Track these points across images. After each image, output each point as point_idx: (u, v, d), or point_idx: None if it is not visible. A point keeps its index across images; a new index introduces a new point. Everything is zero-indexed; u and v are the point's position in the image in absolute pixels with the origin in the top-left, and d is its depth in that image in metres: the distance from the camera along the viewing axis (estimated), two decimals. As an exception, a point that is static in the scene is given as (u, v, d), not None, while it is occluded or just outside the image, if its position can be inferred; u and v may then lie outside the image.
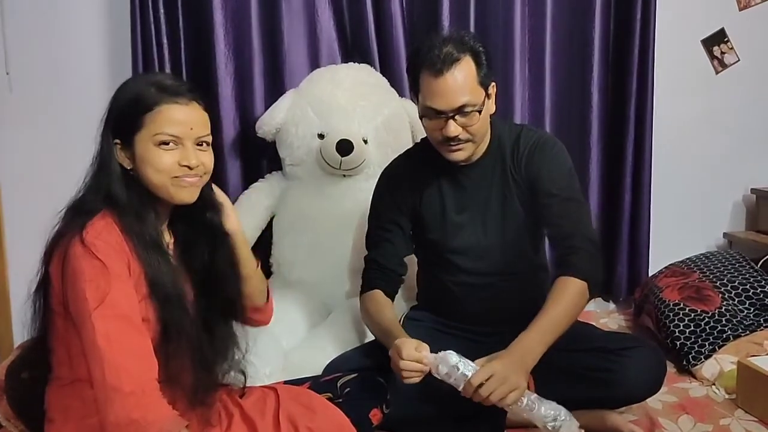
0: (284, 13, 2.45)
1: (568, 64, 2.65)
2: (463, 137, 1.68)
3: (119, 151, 1.28)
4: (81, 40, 2.49)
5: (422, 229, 1.85)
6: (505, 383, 1.45)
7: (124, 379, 1.13)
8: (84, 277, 1.17)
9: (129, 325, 1.18)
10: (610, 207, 2.73)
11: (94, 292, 1.16)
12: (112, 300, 1.16)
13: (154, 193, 1.29)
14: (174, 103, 1.27)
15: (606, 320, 2.56)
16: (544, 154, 1.76)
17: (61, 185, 2.48)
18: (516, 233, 1.80)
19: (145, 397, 1.14)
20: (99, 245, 1.19)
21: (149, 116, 1.26)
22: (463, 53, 1.64)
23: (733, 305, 2.21)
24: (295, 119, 2.31)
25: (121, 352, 1.15)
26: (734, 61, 2.82)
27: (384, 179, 1.91)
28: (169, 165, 1.27)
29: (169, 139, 1.27)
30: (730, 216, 2.93)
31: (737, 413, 1.85)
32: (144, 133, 1.26)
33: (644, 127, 2.64)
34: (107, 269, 1.18)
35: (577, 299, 1.64)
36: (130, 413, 1.12)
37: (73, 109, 2.50)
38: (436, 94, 1.64)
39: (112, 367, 1.13)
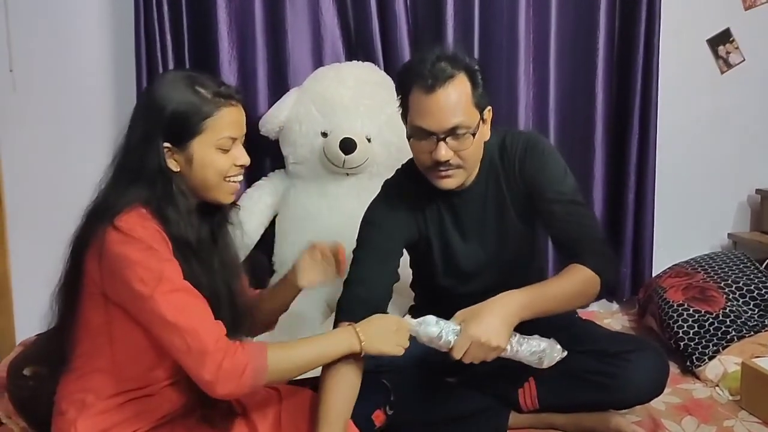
0: (288, 11, 2.45)
1: (573, 65, 2.64)
2: (453, 162, 1.54)
3: (169, 155, 1.27)
4: (85, 39, 2.48)
5: (424, 259, 1.75)
6: (484, 346, 1.40)
7: (206, 340, 1.19)
8: (131, 261, 1.19)
9: (188, 293, 1.22)
10: (614, 207, 2.72)
11: (147, 274, 1.19)
12: (168, 277, 1.20)
13: (200, 193, 1.31)
14: (231, 106, 1.30)
15: (609, 320, 2.55)
16: (536, 157, 1.66)
17: (64, 183, 2.53)
18: (516, 247, 1.73)
19: (229, 347, 1.20)
20: (138, 230, 1.21)
21: (210, 122, 1.27)
22: (458, 70, 1.51)
23: (738, 306, 2.20)
24: (298, 117, 2.31)
25: (194, 319, 1.20)
26: (740, 61, 2.81)
27: (372, 215, 1.71)
28: (228, 166, 1.31)
29: (230, 142, 1.30)
30: (734, 216, 2.92)
31: (741, 414, 1.84)
32: (204, 137, 1.27)
33: (649, 127, 2.63)
34: (153, 249, 1.20)
35: (582, 284, 1.55)
36: (222, 365, 1.18)
37: (76, 108, 2.50)
38: (427, 112, 1.50)
39: (192, 334, 1.19)
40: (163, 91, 1.28)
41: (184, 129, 1.26)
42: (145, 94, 1.34)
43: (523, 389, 1.73)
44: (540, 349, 1.48)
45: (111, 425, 1.27)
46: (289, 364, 1.27)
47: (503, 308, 1.44)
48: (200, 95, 1.27)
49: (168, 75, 1.35)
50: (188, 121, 1.26)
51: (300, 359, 1.28)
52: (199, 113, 1.26)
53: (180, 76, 1.31)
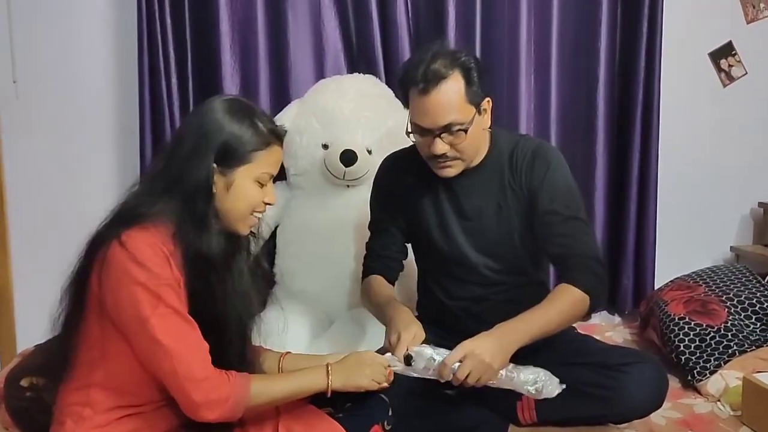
0: (290, 23, 2.46)
1: (575, 76, 2.64)
2: (450, 155, 1.66)
3: (216, 175, 1.30)
4: (88, 50, 2.50)
5: (418, 237, 1.86)
6: (480, 363, 1.46)
7: (194, 367, 1.23)
8: (132, 282, 1.21)
9: (184, 320, 1.25)
10: (616, 219, 2.72)
11: (145, 295, 1.21)
12: (165, 301, 1.22)
13: (224, 220, 1.34)
14: (279, 146, 1.37)
15: (611, 333, 2.54)
16: (544, 166, 1.72)
17: (66, 191, 2.54)
18: (509, 246, 1.77)
19: (215, 379, 1.25)
20: (143, 251, 1.22)
21: (259, 154, 1.32)
22: (452, 69, 1.60)
23: (740, 320, 2.19)
24: (299, 129, 2.31)
25: (185, 346, 1.23)
26: (742, 74, 2.81)
27: (382, 176, 1.93)
28: (259, 201, 1.36)
29: (268, 178, 1.36)
30: (737, 229, 2.91)
31: (742, 430, 1.83)
32: (249, 168, 1.32)
33: (651, 140, 2.63)
34: (154, 274, 1.22)
35: (573, 306, 1.63)
36: (208, 395, 1.23)
37: (79, 117, 2.52)
38: (422, 112, 1.62)
39: (181, 360, 1.22)
40: (224, 114, 1.32)
41: (235, 154, 1.30)
42: (201, 110, 1.36)
43: (522, 402, 1.72)
44: (539, 379, 1.51)
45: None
46: (268, 397, 1.32)
47: (502, 334, 1.52)
48: (257, 128, 1.32)
49: (229, 99, 1.38)
50: (241, 148, 1.31)
51: (278, 393, 1.34)
52: (252, 144, 1.31)
53: (241, 104, 1.36)
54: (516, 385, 1.52)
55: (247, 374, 1.30)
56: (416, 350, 1.50)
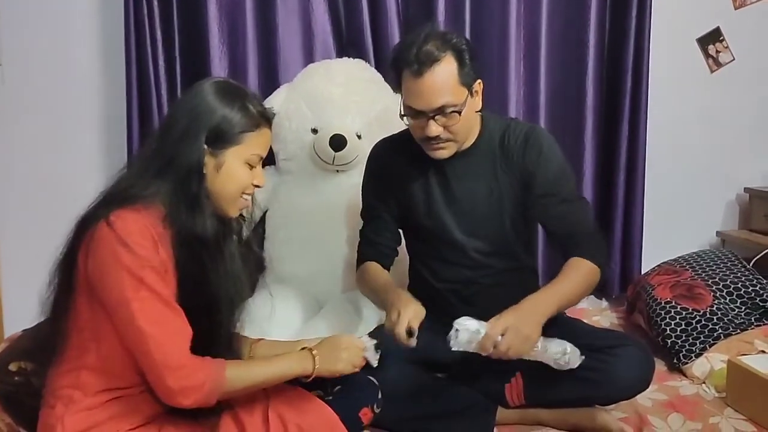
0: (279, 7, 2.44)
1: (563, 63, 2.64)
2: (444, 137, 1.67)
3: (207, 156, 1.31)
4: (74, 34, 2.48)
5: (408, 220, 1.87)
6: (520, 336, 1.48)
7: (171, 354, 1.23)
8: (118, 263, 1.21)
9: (166, 305, 1.25)
10: (603, 204, 2.73)
11: (130, 279, 1.21)
12: (147, 285, 1.22)
13: (214, 201, 1.34)
14: (268, 128, 1.39)
15: (598, 317, 2.56)
16: (537, 148, 1.75)
17: (52, 177, 2.52)
18: (500, 229, 1.79)
19: (191, 366, 1.24)
20: (131, 232, 1.22)
21: (250, 136, 1.34)
22: (444, 52, 1.61)
23: (725, 304, 2.21)
24: (288, 114, 2.30)
25: (164, 332, 1.23)
26: (729, 60, 2.82)
27: (373, 162, 1.93)
28: (248, 182, 1.37)
29: (258, 160, 1.37)
30: (723, 215, 2.94)
31: (727, 412, 1.86)
32: (239, 149, 1.33)
33: (638, 125, 2.64)
34: (138, 256, 1.22)
35: (589, 278, 1.68)
36: (181, 382, 1.23)
37: (65, 101, 2.50)
38: (415, 94, 1.63)
39: (158, 346, 1.22)
40: (215, 96, 1.33)
41: (225, 136, 1.32)
42: (192, 93, 1.36)
43: (510, 385, 1.74)
44: (567, 351, 1.55)
45: (98, 422, 1.27)
46: (245, 383, 1.32)
47: (533, 307, 1.55)
48: (248, 110, 1.34)
49: (220, 81, 1.39)
50: (232, 130, 1.32)
51: (256, 379, 1.34)
52: (243, 125, 1.33)
53: (232, 87, 1.38)
54: (547, 358, 1.55)
55: (222, 360, 1.29)
56: (460, 322, 1.50)
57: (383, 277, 1.82)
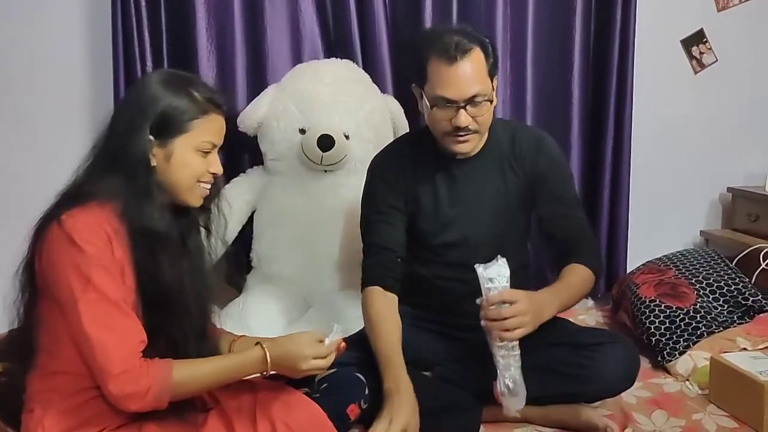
0: (267, 7, 2.44)
1: (550, 63, 2.66)
2: (472, 128, 1.68)
3: (152, 148, 1.30)
4: (61, 34, 2.46)
5: (414, 220, 1.84)
6: (524, 318, 1.50)
7: (114, 361, 1.20)
8: (66, 263, 1.21)
9: (114, 307, 1.22)
10: (589, 204, 2.74)
11: (77, 279, 1.20)
12: (94, 285, 1.20)
13: (170, 193, 1.33)
14: (219, 114, 1.35)
15: (584, 316, 2.58)
16: (549, 154, 1.81)
17: (38, 177, 2.49)
18: (505, 230, 1.81)
19: (134, 371, 1.22)
20: (81, 231, 1.21)
21: (197, 123, 1.31)
22: (473, 43, 1.64)
23: (708, 302, 2.24)
24: (276, 114, 2.31)
25: (108, 335, 1.21)
26: (712, 62, 2.86)
27: (378, 165, 1.88)
28: (203, 170, 1.34)
29: (210, 147, 1.34)
30: (707, 214, 2.97)
31: (709, 408, 1.88)
32: (188, 137, 1.31)
33: (623, 125, 2.66)
34: (88, 255, 1.21)
35: (586, 284, 1.72)
36: (123, 389, 1.21)
37: (52, 104, 2.48)
38: (449, 82, 1.63)
39: (101, 351, 1.20)
40: (159, 86, 1.31)
41: (171, 125, 1.29)
42: (138, 85, 1.37)
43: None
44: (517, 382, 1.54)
45: (78, 423, 1.27)
46: (196, 385, 1.29)
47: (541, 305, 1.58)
48: (193, 97, 1.31)
49: (165, 72, 1.39)
50: (178, 118, 1.30)
51: (206, 379, 1.30)
52: (189, 113, 1.30)
53: (177, 75, 1.36)
54: (504, 365, 1.54)
55: (169, 362, 1.26)
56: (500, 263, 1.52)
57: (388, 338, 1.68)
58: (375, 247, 1.79)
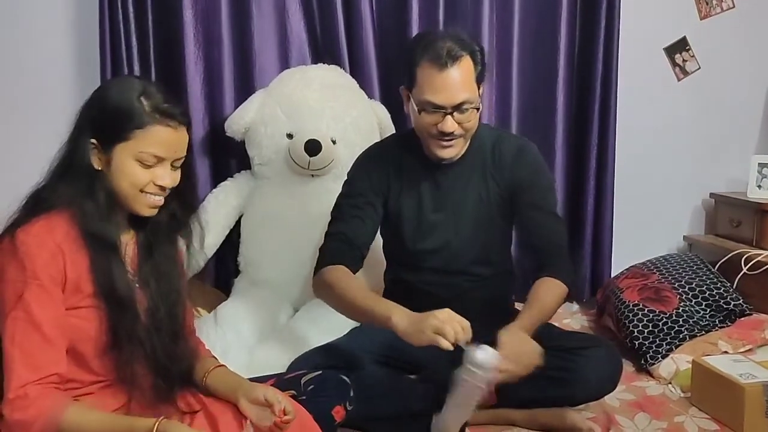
0: (254, 13, 2.46)
1: (535, 71, 2.69)
2: (458, 133, 1.69)
3: (94, 152, 1.27)
4: (48, 39, 2.46)
5: (396, 225, 1.85)
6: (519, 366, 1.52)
7: (12, 384, 1.19)
8: (6, 275, 1.21)
9: (36, 331, 1.21)
10: (573, 209, 2.78)
11: (11, 293, 1.20)
12: (24, 304, 1.20)
13: (117, 198, 1.30)
14: (166, 126, 1.27)
15: (569, 321, 2.60)
16: (530, 163, 1.81)
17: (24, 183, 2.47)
18: (487, 236, 1.83)
19: (26, 399, 1.19)
20: (29, 245, 1.21)
21: (139, 132, 1.26)
22: (463, 50, 1.66)
23: (690, 306, 2.27)
24: (264, 119, 2.32)
25: (20, 358, 1.20)
26: (695, 69, 2.89)
27: (365, 160, 1.89)
28: (145, 182, 1.28)
29: (152, 160, 1.27)
30: (690, 219, 3.00)
31: (691, 411, 1.91)
32: (128, 145, 1.26)
33: (608, 132, 2.69)
34: (27, 271, 1.20)
35: (559, 299, 1.73)
36: (12, 414, 1.19)
37: (39, 108, 2.47)
38: (438, 88, 1.64)
39: (10, 372, 1.19)
40: (109, 90, 1.30)
41: (112, 131, 1.26)
42: (97, 89, 1.35)
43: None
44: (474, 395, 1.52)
45: None
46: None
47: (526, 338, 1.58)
48: (141, 104, 1.26)
49: (124, 77, 1.38)
50: (119, 124, 1.26)
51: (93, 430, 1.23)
52: (132, 121, 1.25)
53: (132, 81, 1.31)
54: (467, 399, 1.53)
55: (67, 401, 1.22)
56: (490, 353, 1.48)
57: (366, 289, 1.71)
58: (342, 235, 1.77)
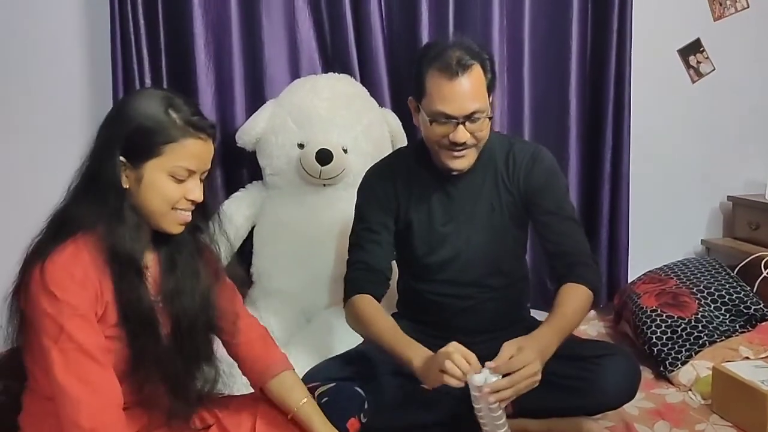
0: (264, 23, 2.46)
1: (547, 75, 2.67)
2: (470, 143, 1.66)
3: (123, 170, 1.24)
4: (60, 51, 2.47)
5: (407, 238, 1.83)
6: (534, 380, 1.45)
7: (83, 414, 1.16)
8: (40, 309, 1.18)
9: (88, 358, 1.18)
10: (589, 214, 2.75)
11: (50, 325, 1.17)
12: (68, 334, 1.17)
13: (145, 216, 1.27)
14: (197, 139, 1.25)
15: (586, 327, 2.58)
16: (545, 169, 1.78)
17: (33, 190, 2.49)
18: (499, 245, 1.80)
19: (104, 430, 1.17)
20: (58, 278, 1.17)
21: (171, 147, 1.23)
22: (473, 59, 1.63)
23: (710, 311, 2.23)
24: (275, 129, 2.32)
25: (80, 387, 1.17)
26: (710, 71, 2.86)
27: (370, 180, 1.85)
28: (177, 197, 1.26)
29: (184, 174, 1.25)
30: (707, 223, 2.97)
31: (712, 418, 1.88)
32: (160, 161, 1.23)
33: (622, 135, 2.67)
34: (62, 303, 1.17)
35: (585, 304, 1.67)
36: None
37: (50, 121, 2.49)
38: (449, 98, 1.61)
39: (72, 402, 1.16)
40: (135, 105, 1.25)
41: (143, 147, 1.23)
42: (117, 104, 1.31)
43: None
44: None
45: None
46: None
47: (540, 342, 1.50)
48: (170, 118, 1.24)
49: (146, 90, 1.33)
50: (150, 140, 1.23)
51: None
52: (163, 135, 1.23)
53: (157, 95, 1.27)
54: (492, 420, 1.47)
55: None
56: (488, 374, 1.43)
57: (390, 320, 1.68)
58: (363, 264, 1.77)
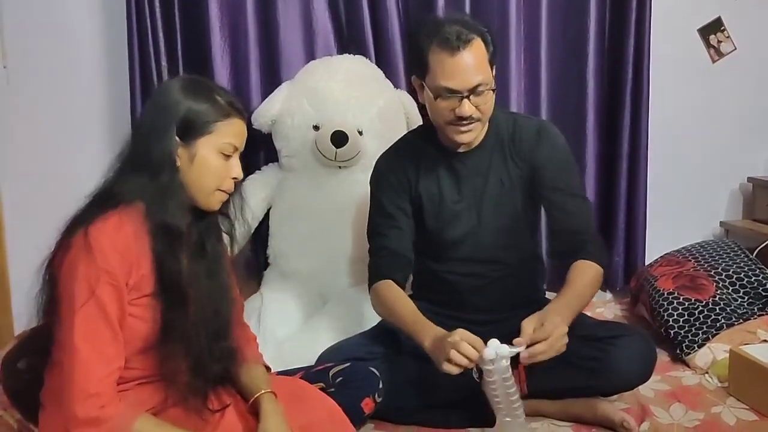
0: (279, 5, 2.45)
1: (564, 55, 2.64)
2: (475, 116, 1.67)
3: (178, 148, 1.32)
4: (78, 34, 2.49)
5: (419, 217, 1.85)
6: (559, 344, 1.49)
7: (91, 381, 1.21)
8: (76, 271, 1.22)
9: (108, 328, 1.23)
10: (606, 196, 2.73)
11: (82, 288, 1.21)
12: (97, 299, 1.22)
13: (191, 194, 1.34)
14: (240, 119, 1.38)
15: (602, 309, 2.57)
16: (550, 144, 1.78)
17: (58, 177, 2.54)
18: (511, 221, 1.80)
19: (105, 397, 1.22)
20: (102, 242, 1.23)
21: (220, 125, 1.33)
22: (473, 33, 1.64)
23: (727, 294, 2.21)
24: (290, 111, 2.32)
25: (94, 355, 1.22)
26: (731, 50, 2.81)
27: (381, 166, 1.88)
28: (223, 173, 1.35)
29: (232, 149, 1.35)
30: (726, 205, 2.93)
31: (729, 401, 1.86)
32: (211, 138, 1.33)
33: (640, 116, 2.63)
34: (100, 268, 1.22)
35: (596, 281, 1.69)
36: (90, 412, 1.20)
37: (69, 103, 2.52)
38: (452, 73, 1.62)
39: (83, 368, 1.21)
40: (181, 91, 1.34)
41: (195, 126, 1.32)
42: (159, 92, 1.41)
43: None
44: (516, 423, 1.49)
45: None
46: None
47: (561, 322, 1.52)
48: (215, 100, 1.34)
49: (185, 78, 1.41)
50: (201, 119, 1.32)
51: None
52: (212, 115, 1.33)
53: (198, 81, 1.39)
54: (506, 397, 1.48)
55: (138, 411, 1.26)
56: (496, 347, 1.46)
57: (412, 305, 1.70)
58: (386, 250, 1.80)
